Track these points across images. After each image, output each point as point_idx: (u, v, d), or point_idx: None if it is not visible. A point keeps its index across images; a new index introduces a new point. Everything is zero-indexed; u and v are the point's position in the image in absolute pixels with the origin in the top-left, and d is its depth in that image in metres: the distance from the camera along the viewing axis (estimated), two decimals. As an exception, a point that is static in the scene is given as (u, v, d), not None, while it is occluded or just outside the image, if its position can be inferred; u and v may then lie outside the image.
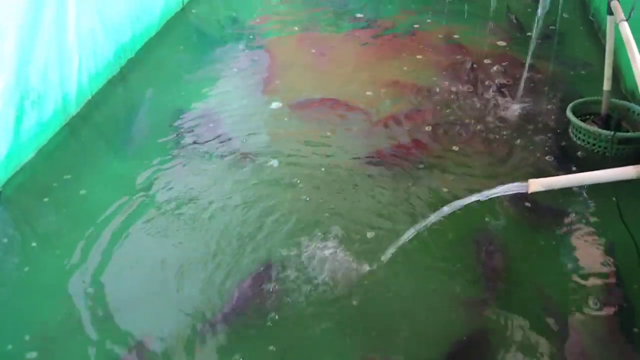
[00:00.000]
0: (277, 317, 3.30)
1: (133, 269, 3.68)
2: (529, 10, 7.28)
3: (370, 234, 3.86)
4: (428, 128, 4.99)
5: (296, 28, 7.11)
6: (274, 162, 4.59)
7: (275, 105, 5.42)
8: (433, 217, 3.33)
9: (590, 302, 3.36)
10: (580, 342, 3.17)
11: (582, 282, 3.50)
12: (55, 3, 4.77)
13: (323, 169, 4.51)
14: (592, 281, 3.50)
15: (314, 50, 6.53)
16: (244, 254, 3.71)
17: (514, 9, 7.34)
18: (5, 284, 3.58)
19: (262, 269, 3.60)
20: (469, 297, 3.43)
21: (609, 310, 3.33)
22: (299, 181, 4.39)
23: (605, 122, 4.70)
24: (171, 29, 6.97)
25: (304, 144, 4.86)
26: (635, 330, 3.22)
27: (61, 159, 4.70)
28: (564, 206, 4.09)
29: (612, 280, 3.52)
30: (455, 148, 4.72)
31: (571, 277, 3.54)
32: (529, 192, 2.61)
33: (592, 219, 3.97)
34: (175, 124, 5.11)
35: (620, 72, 5.32)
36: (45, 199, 4.24)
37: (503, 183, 2.79)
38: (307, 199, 4.21)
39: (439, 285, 3.52)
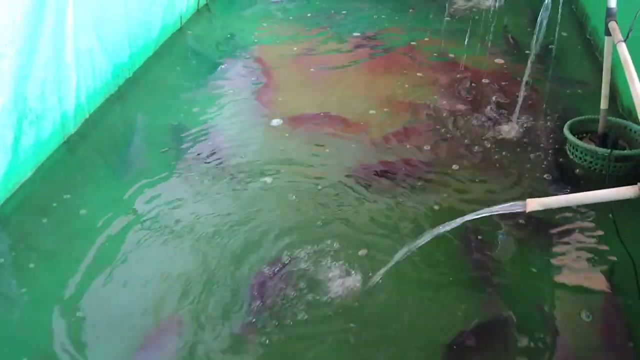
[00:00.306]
0: (267, 339, 3.31)
1: (133, 287, 3.68)
2: (528, 29, 7.31)
3: (362, 252, 3.88)
4: (426, 147, 5.00)
5: (295, 47, 7.13)
6: (268, 179, 4.62)
7: (275, 122, 5.46)
8: (429, 236, 3.33)
9: (584, 317, 3.38)
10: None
11: (577, 297, 3.53)
12: (53, 22, 4.77)
13: (319, 187, 4.53)
14: (588, 297, 3.53)
15: (312, 69, 6.56)
16: (241, 272, 3.73)
17: (512, 27, 7.40)
18: (3, 304, 3.57)
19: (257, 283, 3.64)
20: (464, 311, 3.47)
21: (604, 326, 3.35)
22: (294, 197, 4.43)
23: (603, 141, 4.72)
24: (169, 48, 6.99)
25: (301, 159, 4.90)
26: (631, 344, 3.23)
27: (59, 177, 4.69)
28: (559, 222, 4.11)
29: (608, 296, 3.54)
30: (453, 167, 4.73)
31: (565, 292, 3.57)
32: (527, 211, 2.62)
33: (588, 235, 3.98)
34: (174, 142, 5.12)
35: (617, 91, 5.34)
36: (44, 219, 4.23)
37: (500, 202, 2.80)
38: (302, 213, 4.25)
39: (432, 301, 3.56)
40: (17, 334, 3.40)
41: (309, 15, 8.12)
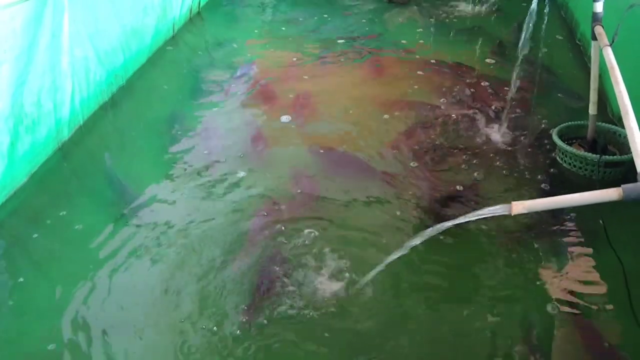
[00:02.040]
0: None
1: (126, 295, 3.68)
2: (517, 35, 7.35)
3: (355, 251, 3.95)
4: (413, 149, 5.07)
5: (289, 53, 7.19)
6: (269, 180, 4.69)
7: (284, 118, 5.58)
8: (417, 240, 3.36)
9: (575, 322, 3.41)
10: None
11: (569, 302, 3.54)
12: (50, 31, 4.83)
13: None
14: (579, 302, 3.54)
15: (306, 77, 6.59)
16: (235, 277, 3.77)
17: (502, 32, 7.46)
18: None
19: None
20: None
21: (594, 331, 3.37)
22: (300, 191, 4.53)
23: (592, 146, 4.75)
24: (162, 55, 7.05)
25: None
26: (625, 354, 3.25)
27: (54, 184, 4.73)
28: (550, 228, 4.14)
29: (599, 300, 3.55)
30: (439, 169, 4.80)
31: (556, 298, 3.57)
32: (512, 214, 2.64)
33: (578, 241, 4.01)
34: (169, 149, 5.16)
35: (606, 96, 5.38)
36: (38, 225, 4.26)
37: (488, 206, 2.82)
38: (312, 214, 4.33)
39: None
40: (8, 342, 3.42)
41: (300, 19, 8.21)
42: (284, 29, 8.01)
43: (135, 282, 3.76)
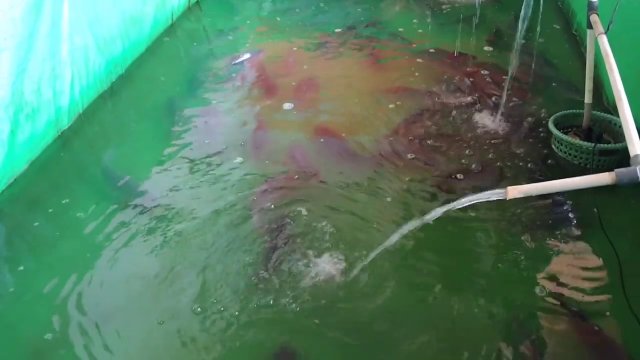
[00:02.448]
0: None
1: (124, 281, 3.73)
2: (514, 24, 7.37)
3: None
4: (410, 137, 5.10)
5: (288, 43, 7.21)
6: (269, 167, 4.70)
7: (286, 105, 5.67)
8: (413, 224, 3.41)
9: (569, 309, 3.43)
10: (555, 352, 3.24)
11: (562, 291, 3.57)
12: (50, 19, 4.86)
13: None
14: (573, 291, 3.57)
15: (305, 67, 6.61)
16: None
17: (499, 22, 7.49)
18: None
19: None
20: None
21: (589, 319, 3.40)
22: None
23: (587, 135, 4.78)
24: (161, 44, 7.07)
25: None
26: (619, 342, 3.28)
27: (53, 171, 4.77)
28: (544, 216, 4.18)
29: (594, 289, 3.58)
30: (436, 157, 4.83)
31: (550, 287, 3.60)
32: (507, 198, 2.67)
33: (573, 229, 4.05)
34: (169, 137, 5.21)
35: (602, 85, 5.40)
36: (38, 211, 4.31)
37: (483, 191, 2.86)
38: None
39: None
40: (10, 327, 3.47)
41: (297, 10, 8.22)
42: (281, 18, 8.00)
43: (136, 268, 3.80)
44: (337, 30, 7.47)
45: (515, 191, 2.66)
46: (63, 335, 3.34)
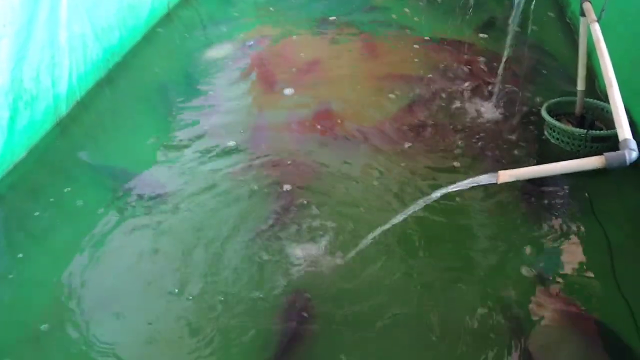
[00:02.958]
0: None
1: (120, 265, 3.79)
2: (508, 11, 7.38)
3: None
4: (405, 126, 5.15)
5: (284, 30, 7.24)
6: (271, 153, 4.74)
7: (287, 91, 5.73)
8: (412, 209, 3.47)
9: (559, 293, 3.48)
10: (543, 336, 3.27)
11: (552, 276, 3.61)
12: (48, 7, 4.89)
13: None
14: (563, 276, 3.62)
15: (302, 54, 6.64)
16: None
17: (494, 9, 7.52)
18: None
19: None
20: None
21: (578, 303, 3.44)
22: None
23: (580, 122, 4.83)
24: (157, 33, 7.08)
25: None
26: (609, 327, 3.31)
27: (52, 159, 4.81)
28: (536, 201, 4.23)
29: (584, 273, 3.63)
30: (432, 144, 4.87)
31: (540, 272, 3.64)
32: (499, 182, 2.73)
33: (564, 214, 4.09)
34: (166, 125, 5.25)
35: (595, 73, 5.44)
36: (37, 198, 4.35)
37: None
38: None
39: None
40: (9, 309, 3.53)
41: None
42: (277, 7, 8.00)
43: (135, 255, 3.85)
44: (332, 17, 7.48)
45: (506, 175, 2.71)
46: (61, 320, 3.40)
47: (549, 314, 3.37)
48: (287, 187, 4.40)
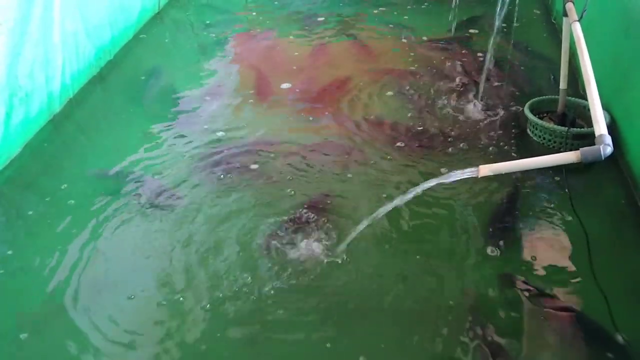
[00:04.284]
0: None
1: (116, 256, 3.83)
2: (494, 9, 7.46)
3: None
4: (388, 122, 5.24)
5: (274, 32, 7.32)
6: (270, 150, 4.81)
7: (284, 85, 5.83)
8: (397, 202, 3.54)
9: (536, 287, 3.50)
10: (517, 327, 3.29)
11: (531, 269, 3.64)
12: (42, 4, 4.98)
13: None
14: (541, 269, 3.65)
15: (296, 53, 6.72)
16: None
17: (479, 7, 7.65)
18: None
19: None
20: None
21: (560, 298, 3.47)
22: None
23: (562, 120, 4.90)
24: (148, 32, 7.17)
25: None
26: (586, 319, 3.32)
27: (47, 155, 4.87)
28: (515, 195, 4.28)
29: (562, 265, 3.68)
30: (416, 143, 4.93)
31: (519, 266, 3.68)
32: (479, 176, 2.81)
33: (544, 209, 4.15)
34: (159, 121, 5.31)
35: (577, 72, 5.50)
36: (32, 193, 4.41)
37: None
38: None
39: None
40: (5, 299, 3.57)
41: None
42: (268, 7, 8.13)
43: (132, 247, 3.89)
44: (320, 18, 7.61)
45: (486, 169, 2.81)
46: (59, 309, 3.43)
47: (525, 305, 3.39)
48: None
